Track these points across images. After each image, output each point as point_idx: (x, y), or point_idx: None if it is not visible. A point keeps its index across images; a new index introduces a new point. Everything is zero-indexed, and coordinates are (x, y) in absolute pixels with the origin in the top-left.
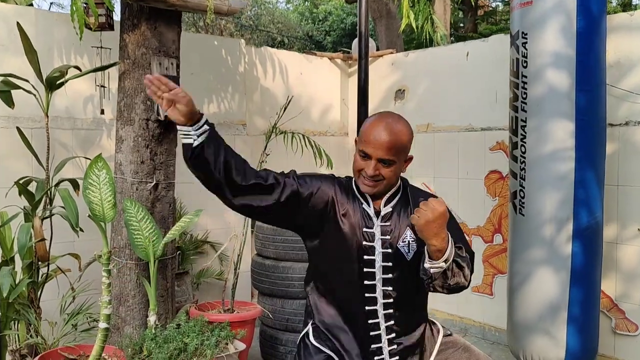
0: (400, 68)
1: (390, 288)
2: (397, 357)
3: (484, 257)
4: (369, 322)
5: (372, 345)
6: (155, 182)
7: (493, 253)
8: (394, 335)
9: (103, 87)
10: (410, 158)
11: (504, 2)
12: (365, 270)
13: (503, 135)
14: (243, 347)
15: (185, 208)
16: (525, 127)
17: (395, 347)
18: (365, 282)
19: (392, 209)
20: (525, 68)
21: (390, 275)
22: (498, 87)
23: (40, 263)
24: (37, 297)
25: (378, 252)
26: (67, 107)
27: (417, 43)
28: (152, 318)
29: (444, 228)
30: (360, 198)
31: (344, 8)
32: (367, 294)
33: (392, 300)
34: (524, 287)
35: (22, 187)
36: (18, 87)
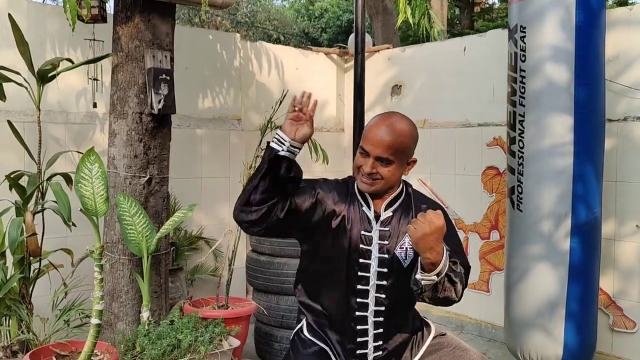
0: (397, 63)
1: (384, 296)
2: None
3: (481, 253)
4: (358, 328)
5: (357, 352)
6: (149, 176)
7: (490, 249)
8: (381, 343)
9: (96, 80)
10: (414, 161)
11: None
12: (360, 274)
13: (500, 131)
14: (237, 343)
15: (180, 203)
16: (524, 121)
17: (381, 353)
18: (359, 286)
19: (392, 214)
20: (524, 62)
21: (385, 282)
22: (495, 82)
23: (32, 258)
24: (28, 292)
25: (374, 256)
26: (59, 101)
27: (413, 40)
28: (145, 314)
29: (441, 242)
30: (361, 200)
31: (340, 5)
32: (359, 299)
33: (383, 308)
34: (522, 283)
35: (13, 181)
36: (9, 79)
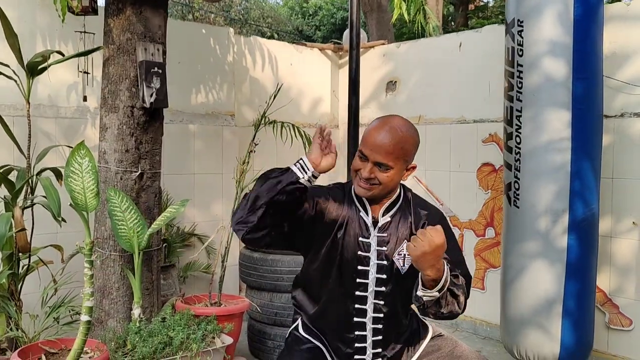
0: (392, 59)
1: (382, 302)
2: None
3: (476, 251)
4: (356, 334)
5: (355, 357)
6: (140, 171)
7: (485, 247)
8: (380, 350)
9: (87, 73)
10: (413, 167)
11: None
12: (358, 281)
13: (496, 128)
14: (230, 341)
15: (172, 199)
16: (521, 117)
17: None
18: (357, 292)
19: (390, 219)
20: (521, 57)
21: (383, 289)
22: (491, 78)
23: (21, 254)
24: (17, 289)
25: (373, 263)
26: (50, 95)
27: (407, 37)
28: (136, 311)
29: (441, 259)
30: (358, 205)
31: (334, 2)
32: (357, 305)
33: (382, 315)
34: (518, 280)
35: (1, 175)
36: None
